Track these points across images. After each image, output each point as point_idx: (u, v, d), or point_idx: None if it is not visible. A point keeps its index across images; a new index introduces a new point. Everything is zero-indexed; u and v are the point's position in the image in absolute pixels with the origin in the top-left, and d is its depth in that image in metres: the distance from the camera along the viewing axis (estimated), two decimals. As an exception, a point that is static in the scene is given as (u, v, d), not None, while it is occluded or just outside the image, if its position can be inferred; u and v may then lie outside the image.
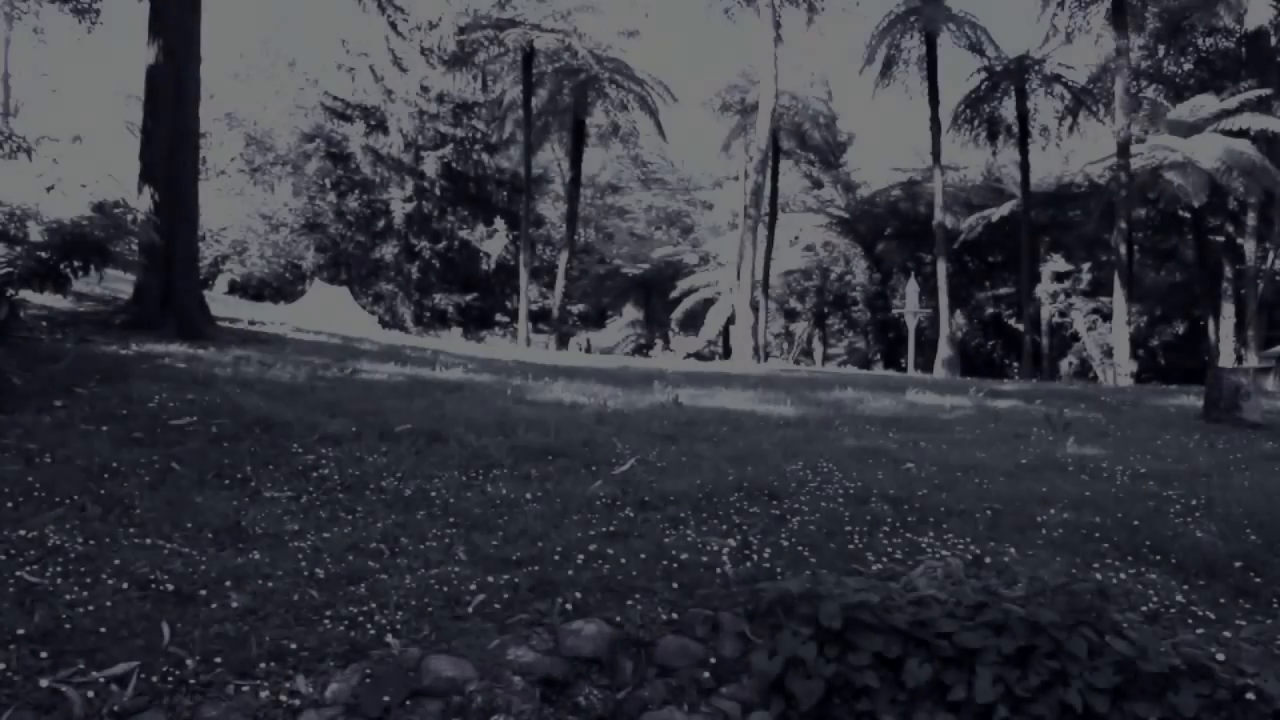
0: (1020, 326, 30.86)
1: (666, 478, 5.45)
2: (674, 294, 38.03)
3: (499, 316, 37.46)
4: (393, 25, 31.61)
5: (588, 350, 36.54)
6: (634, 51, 31.58)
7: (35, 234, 6.84)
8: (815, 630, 3.09)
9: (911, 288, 29.72)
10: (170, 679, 2.94)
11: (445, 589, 3.71)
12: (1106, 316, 28.59)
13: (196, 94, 10.82)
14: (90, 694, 2.82)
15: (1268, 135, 24.41)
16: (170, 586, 3.56)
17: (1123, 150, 24.38)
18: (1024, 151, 29.79)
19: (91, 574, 3.61)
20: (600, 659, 3.28)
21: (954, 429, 8.26)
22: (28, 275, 6.63)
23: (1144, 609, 3.71)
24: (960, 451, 6.86)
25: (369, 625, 3.39)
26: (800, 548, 4.24)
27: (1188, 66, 31.34)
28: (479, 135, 35.59)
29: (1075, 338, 32.28)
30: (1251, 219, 25.84)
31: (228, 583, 3.65)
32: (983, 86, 30.25)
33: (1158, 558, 4.35)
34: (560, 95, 30.24)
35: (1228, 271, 26.76)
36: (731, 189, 40.89)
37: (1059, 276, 31.79)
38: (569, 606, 3.56)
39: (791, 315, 41.20)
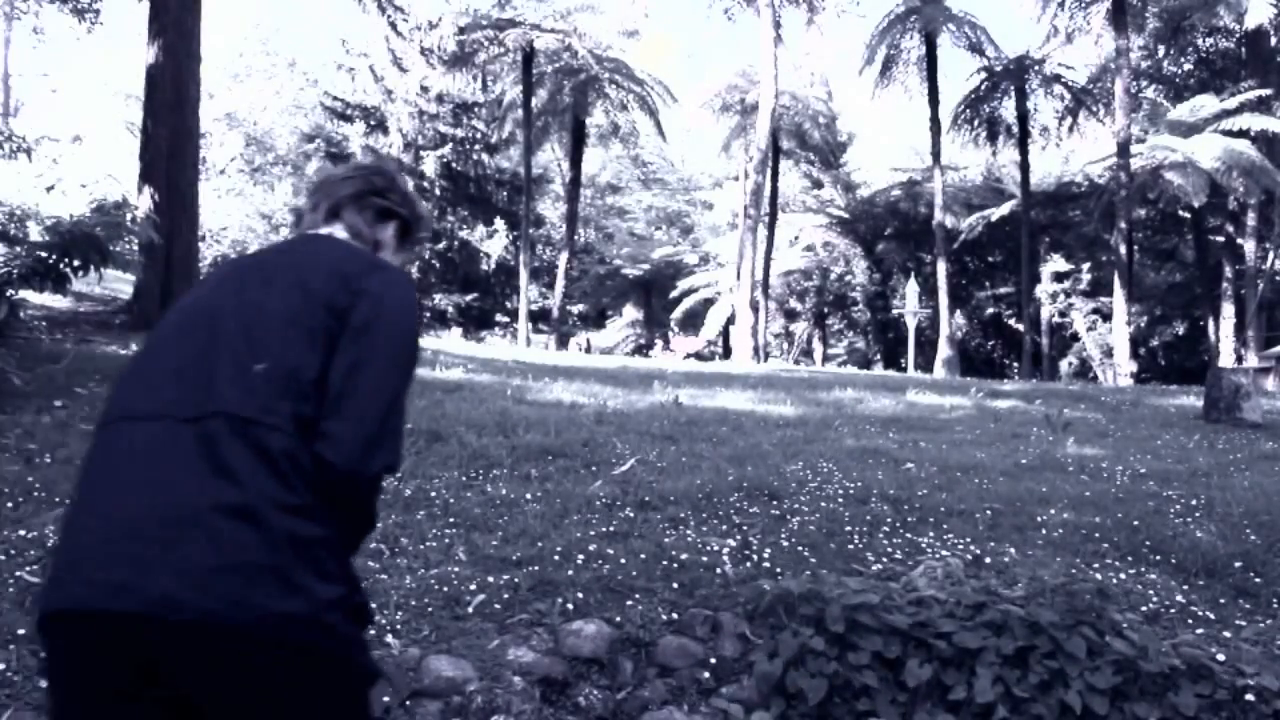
0: (1020, 326, 30.87)
1: (666, 478, 5.44)
2: (674, 294, 38.03)
3: (499, 317, 37.44)
4: (393, 25, 31.66)
5: (588, 350, 36.55)
6: (634, 51, 31.63)
7: (35, 234, 6.84)
8: (816, 630, 3.09)
9: (911, 288, 29.73)
10: (170, 679, 2.94)
11: (445, 589, 3.71)
12: (1106, 316, 28.59)
13: (196, 94, 10.83)
14: (90, 694, 2.81)
15: (1268, 135, 24.42)
16: (170, 586, 3.56)
17: (1123, 150, 24.39)
18: (1024, 151, 29.80)
19: (91, 574, 3.61)
20: (600, 659, 3.28)
21: (954, 429, 8.27)
22: (27, 274, 6.63)
23: (1144, 609, 3.71)
24: (960, 451, 6.86)
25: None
26: (800, 548, 4.24)
27: (1188, 66, 31.38)
28: (479, 135, 35.57)
29: (1075, 338, 32.29)
30: (1251, 219, 25.84)
31: (228, 583, 3.64)
32: (983, 86, 30.26)
33: (1158, 558, 4.35)
34: (560, 95, 30.25)
35: (1228, 271, 26.76)
36: (731, 189, 40.89)
37: (1059, 276, 31.81)
38: (569, 606, 3.56)
39: (791, 315, 41.20)
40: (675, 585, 3.78)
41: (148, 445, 1.37)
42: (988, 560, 4.16)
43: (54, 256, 6.71)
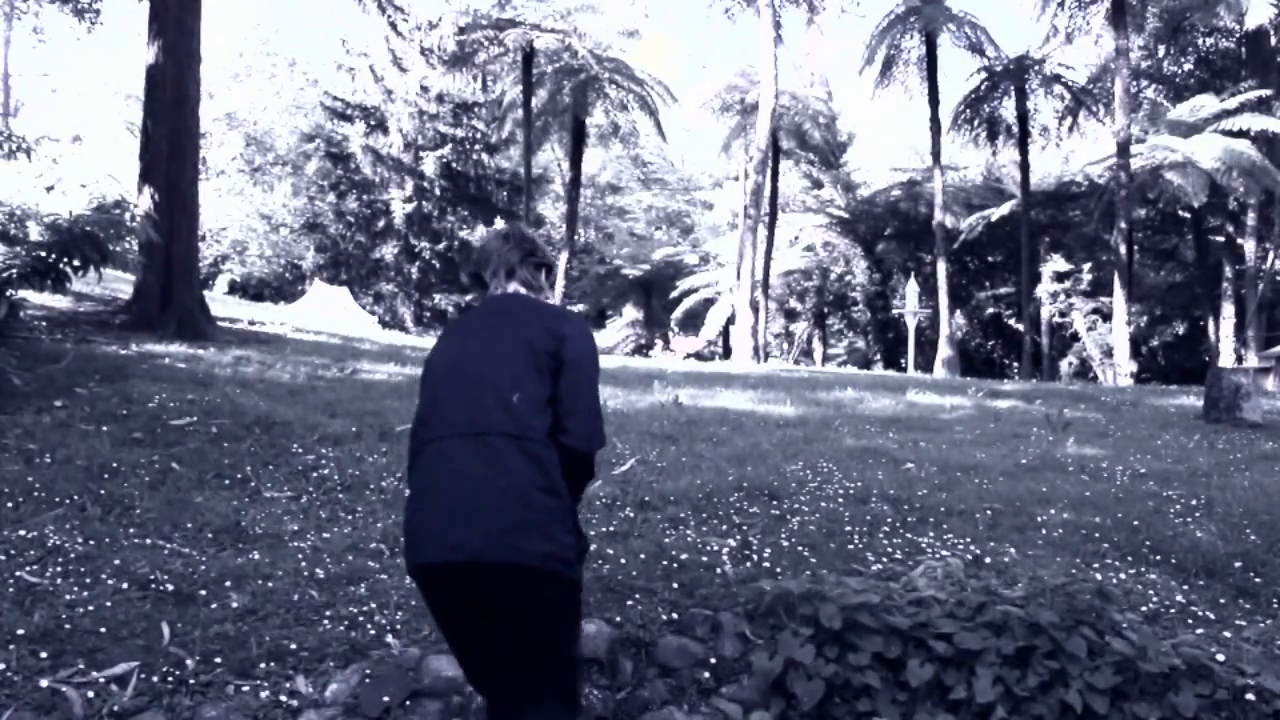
0: (1020, 326, 30.86)
1: (666, 478, 5.45)
2: (674, 294, 38.02)
3: (499, 316, 37.35)
4: (393, 25, 31.62)
5: (588, 350, 36.40)
6: (634, 51, 31.59)
7: (35, 234, 6.84)
8: (815, 630, 3.09)
9: (911, 288, 29.72)
10: (170, 679, 2.94)
11: (445, 589, 3.70)
12: (1106, 316, 28.57)
13: (196, 94, 10.82)
14: (90, 694, 2.82)
15: (1268, 135, 24.40)
16: (170, 586, 3.56)
17: (1123, 150, 24.38)
18: (1024, 151, 29.79)
19: (91, 574, 3.61)
20: (600, 659, 3.28)
21: (954, 429, 8.26)
22: (28, 274, 6.63)
23: (1144, 609, 3.71)
24: (960, 451, 6.86)
25: (369, 625, 3.39)
26: (800, 548, 4.24)
27: (1188, 66, 31.37)
28: (479, 135, 35.58)
29: (1075, 338, 32.27)
30: (1251, 219, 25.83)
31: (228, 583, 3.65)
32: (983, 86, 30.23)
33: (1158, 558, 4.35)
34: (560, 95, 30.22)
35: (1228, 271, 26.75)
36: (731, 189, 40.88)
37: (1059, 276, 31.79)
38: (569, 606, 3.55)
39: (791, 315, 41.19)
40: (675, 585, 3.78)
41: (454, 454, 2.20)
42: (988, 560, 4.16)
43: (54, 256, 6.71)
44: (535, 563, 2.10)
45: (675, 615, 3.54)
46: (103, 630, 3.18)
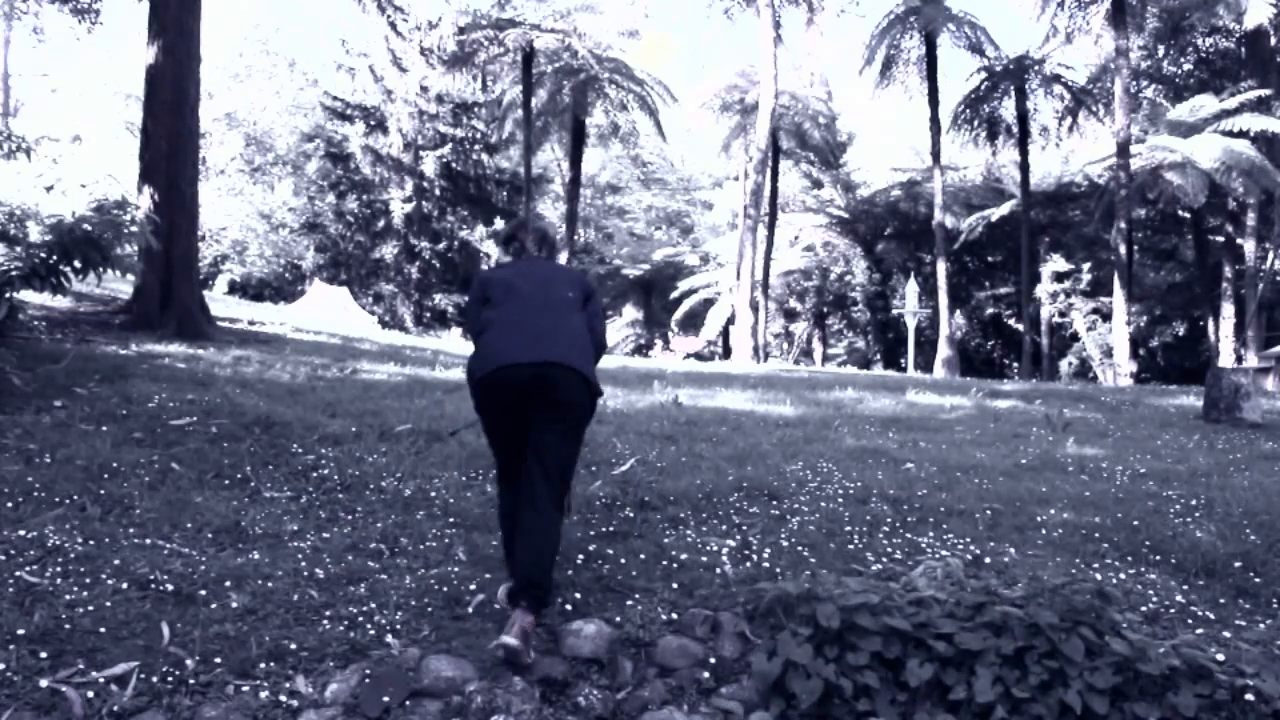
0: (1020, 326, 30.86)
1: (666, 478, 5.45)
2: (674, 294, 38.03)
3: (499, 317, 37.29)
4: (392, 25, 31.61)
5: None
6: (634, 51, 31.57)
7: (35, 234, 6.83)
8: (815, 631, 3.09)
9: (911, 288, 29.73)
10: (170, 679, 2.94)
11: (445, 589, 3.71)
12: (1106, 316, 28.57)
13: (196, 94, 10.81)
14: (90, 694, 2.82)
15: (1267, 135, 24.39)
16: (170, 586, 3.56)
17: (1122, 150, 24.37)
18: (1024, 151, 29.79)
19: (91, 574, 3.61)
20: (600, 659, 3.28)
21: (954, 429, 8.26)
22: (27, 275, 6.62)
23: (1144, 609, 3.71)
24: (960, 451, 6.86)
25: (369, 625, 3.39)
26: (800, 548, 4.25)
27: (1187, 66, 31.37)
28: (479, 135, 35.55)
29: (1075, 338, 32.27)
30: (1251, 219, 25.82)
31: (228, 583, 3.65)
32: (982, 86, 30.23)
33: (1158, 558, 4.35)
34: (560, 95, 30.21)
35: (1228, 271, 26.74)
36: (731, 189, 40.91)
37: (1059, 276, 31.79)
38: (569, 606, 3.56)
39: (791, 315, 41.20)
40: (675, 585, 3.78)
41: (542, 312, 3.60)
42: (988, 560, 4.16)
43: (54, 258, 6.70)
44: (588, 375, 3.53)
45: (675, 615, 3.55)
46: (103, 630, 3.18)
